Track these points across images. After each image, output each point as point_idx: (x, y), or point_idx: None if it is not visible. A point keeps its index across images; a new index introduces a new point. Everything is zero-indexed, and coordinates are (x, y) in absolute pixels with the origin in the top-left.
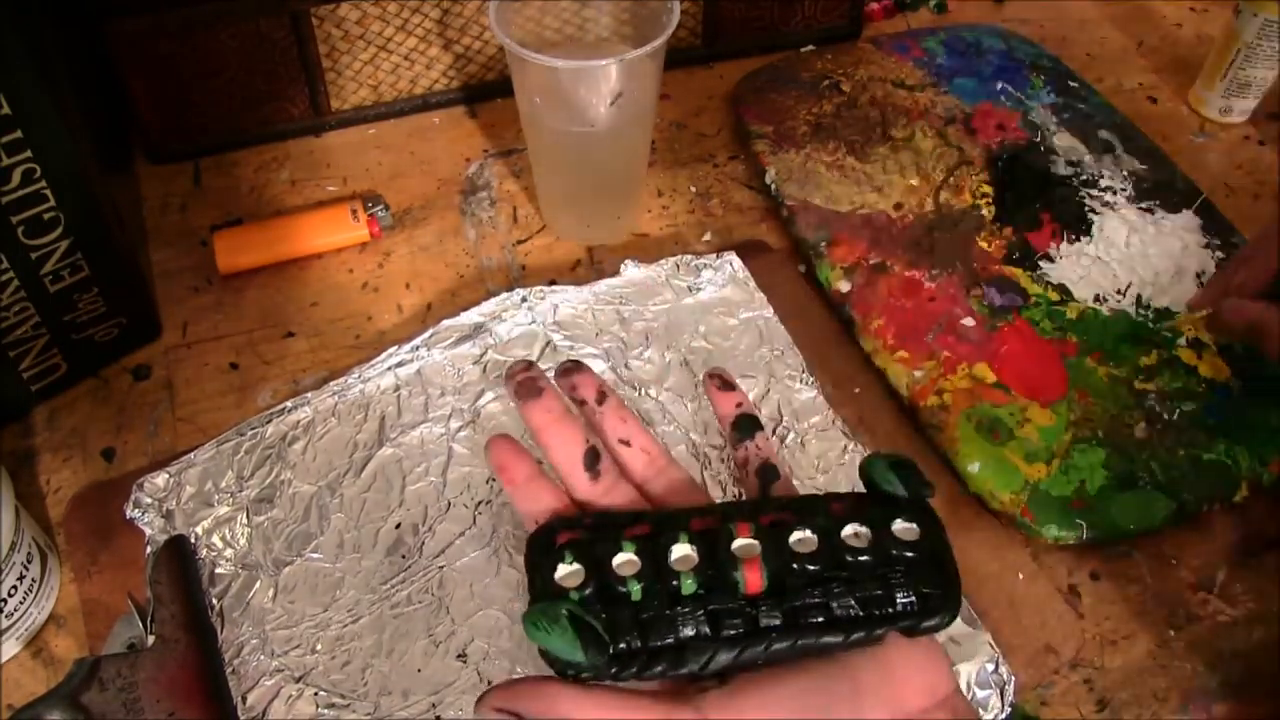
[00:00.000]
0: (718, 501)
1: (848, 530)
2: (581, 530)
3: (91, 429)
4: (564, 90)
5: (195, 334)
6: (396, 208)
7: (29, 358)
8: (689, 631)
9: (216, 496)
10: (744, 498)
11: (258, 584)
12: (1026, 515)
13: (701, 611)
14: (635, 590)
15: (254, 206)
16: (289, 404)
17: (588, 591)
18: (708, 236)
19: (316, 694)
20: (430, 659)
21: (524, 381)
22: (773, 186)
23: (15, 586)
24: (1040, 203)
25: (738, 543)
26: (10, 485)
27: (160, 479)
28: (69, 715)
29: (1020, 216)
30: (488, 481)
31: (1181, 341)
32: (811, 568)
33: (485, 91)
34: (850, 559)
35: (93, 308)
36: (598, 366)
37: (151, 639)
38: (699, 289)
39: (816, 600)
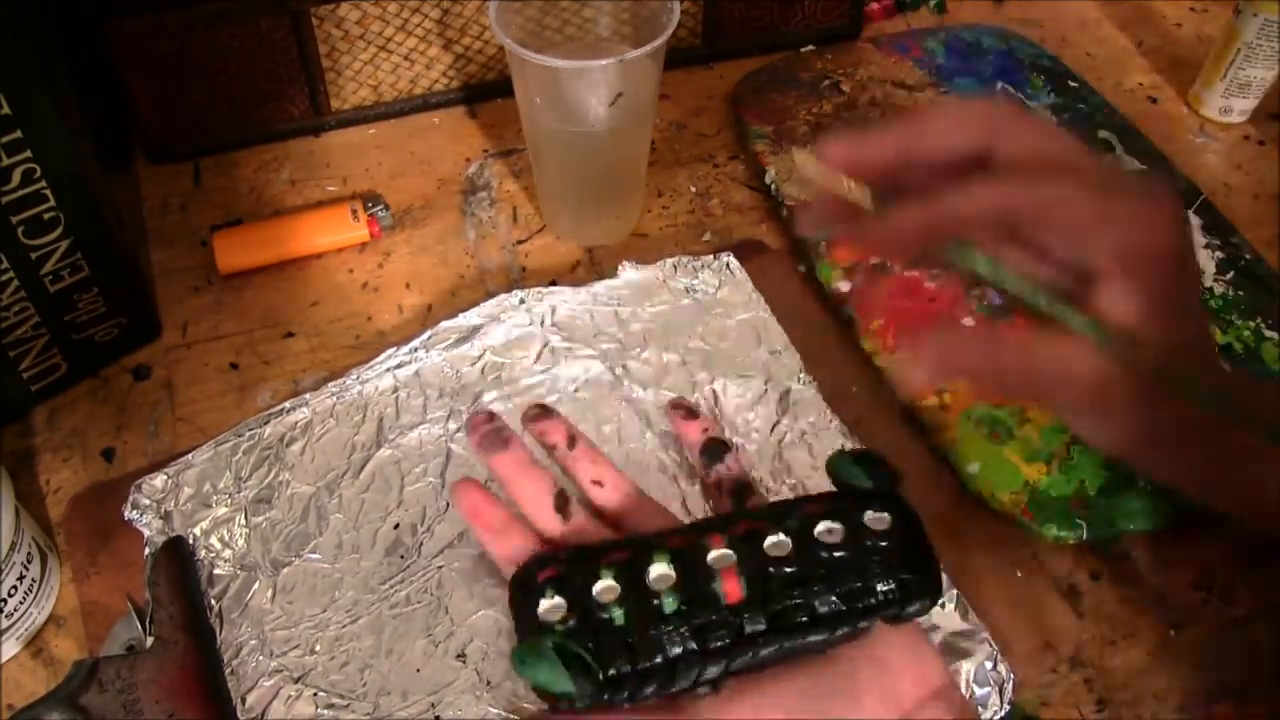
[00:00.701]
0: (695, 520)
1: (820, 528)
2: (560, 565)
3: (91, 429)
4: (564, 90)
5: (195, 334)
6: (396, 208)
7: (29, 358)
8: (676, 649)
9: (215, 497)
10: None
11: (256, 585)
12: (1026, 515)
13: (686, 628)
14: (618, 615)
15: (254, 206)
16: (287, 405)
17: (572, 623)
18: (707, 236)
19: (316, 694)
20: (429, 659)
21: (487, 434)
22: (773, 186)
23: (15, 586)
24: None
25: (713, 554)
26: (10, 485)
27: (158, 480)
28: (68, 716)
29: None
30: (485, 482)
31: None
32: (789, 570)
33: (485, 91)
34: (826, 555)
35: (93, 308)
36: (595, 368)
37: (150, 640)
38: (697, 290)
39: (798, 601)
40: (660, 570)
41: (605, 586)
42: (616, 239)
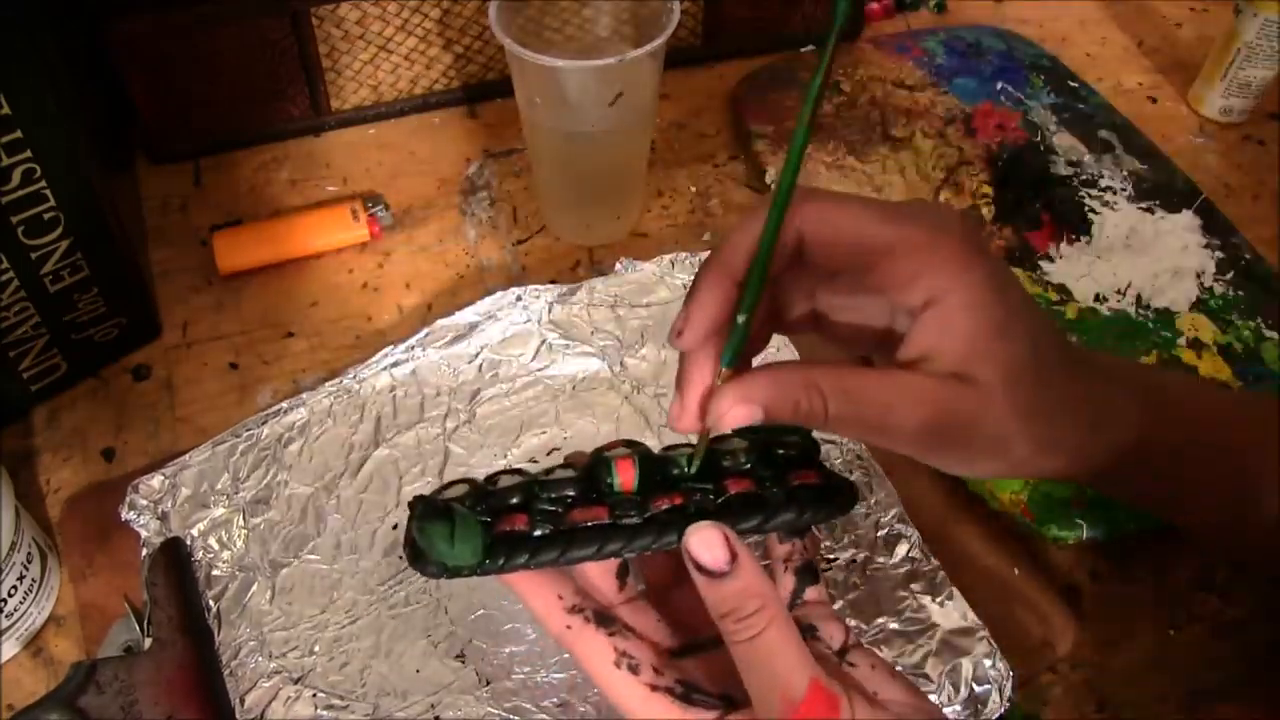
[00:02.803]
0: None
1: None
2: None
3: (91, 429)
4: (564, 90)
5: (195, 334)
6: (396, 208)
7: (29, 358)
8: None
9: (213, 498)
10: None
11: (255, 586)
12: (1026, 515)
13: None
14: (515, 502)
15: (254, 206)
16: (285, 405)
17: (468, 503)
18: (707, 236)
19: (315, 695)
20: (429, 659)
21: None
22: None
23: (15, 587)
24: (1040, 203)
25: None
26: (10, 485)
27: (155, 481)
28: (67, 718)
29: (1020, 216)
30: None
31: (1181, 341)
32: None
33: (485, 91)
34: (728, 463)
35: (93, 308)
36: (593, 365)
37: (148, 641)
38: None
39: (677, 504)
40: (562, 474)
41: (509, 481)
42: (616, 239)
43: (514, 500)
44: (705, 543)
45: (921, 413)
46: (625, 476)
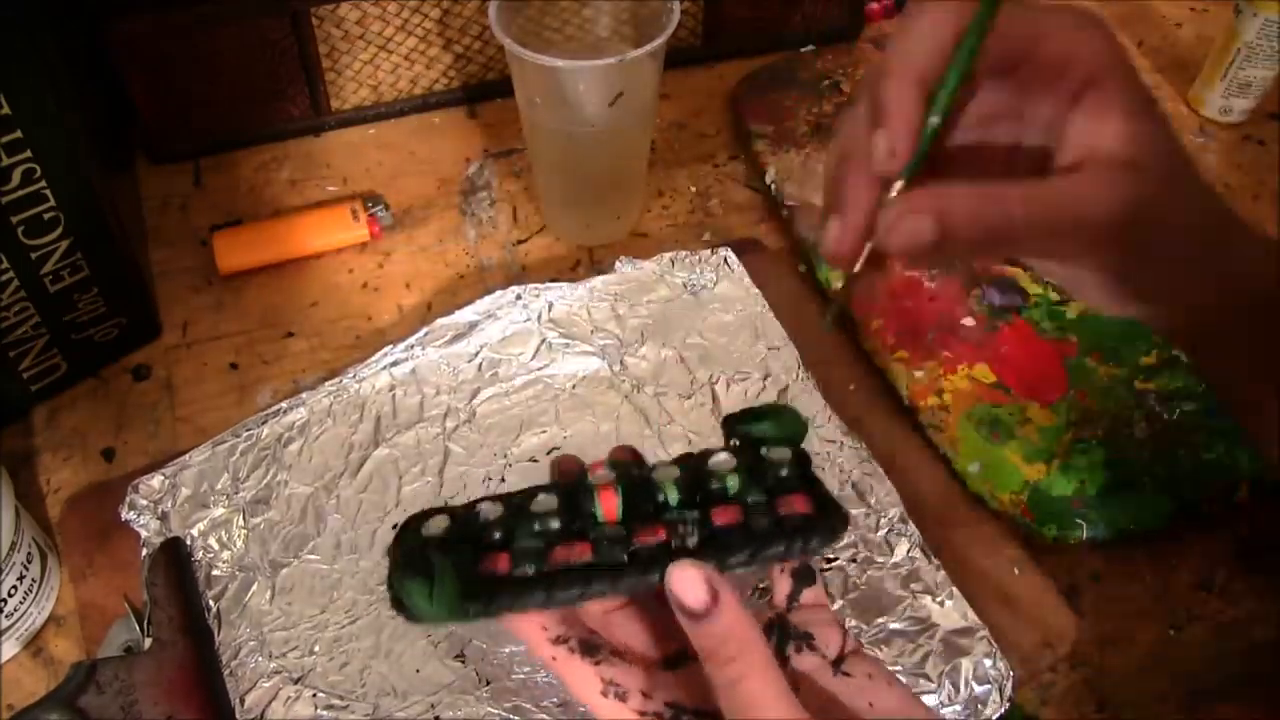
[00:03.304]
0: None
1: (715, 459)
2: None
3: (91, 429)
4: (564, 90)
5: (195, 334)
6: (396, 208)
7: (29, 358)
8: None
9: (212, 498)
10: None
11: (255, 586)
12: (1026, 515)
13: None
14: (496, 538)
15: (254, 206)
16: (284, 405)
17: (448, 536)
18: (707, 236)
19: (315, 695)
20: (428, 660)
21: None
22: (773, 186)
23: (15, 586)
24: None
25: (596, 475)
26: (10, 485)
27: (155, 481)
28: (67, 718)
29: None
30: (484, 481)
31: None
32: (673, 495)
33: (485, 91)
34: (716, 485)
35: (93, 308)
36: (593, 364)
37: (148, 641)
38: (694, 285)
39: (661, 540)
40: (547, 504)
41: (490, 508)
42: (616, 238)
43: (495, 536)
44: (686, 583)
45: (1111, 203)
46: (608, 506)
